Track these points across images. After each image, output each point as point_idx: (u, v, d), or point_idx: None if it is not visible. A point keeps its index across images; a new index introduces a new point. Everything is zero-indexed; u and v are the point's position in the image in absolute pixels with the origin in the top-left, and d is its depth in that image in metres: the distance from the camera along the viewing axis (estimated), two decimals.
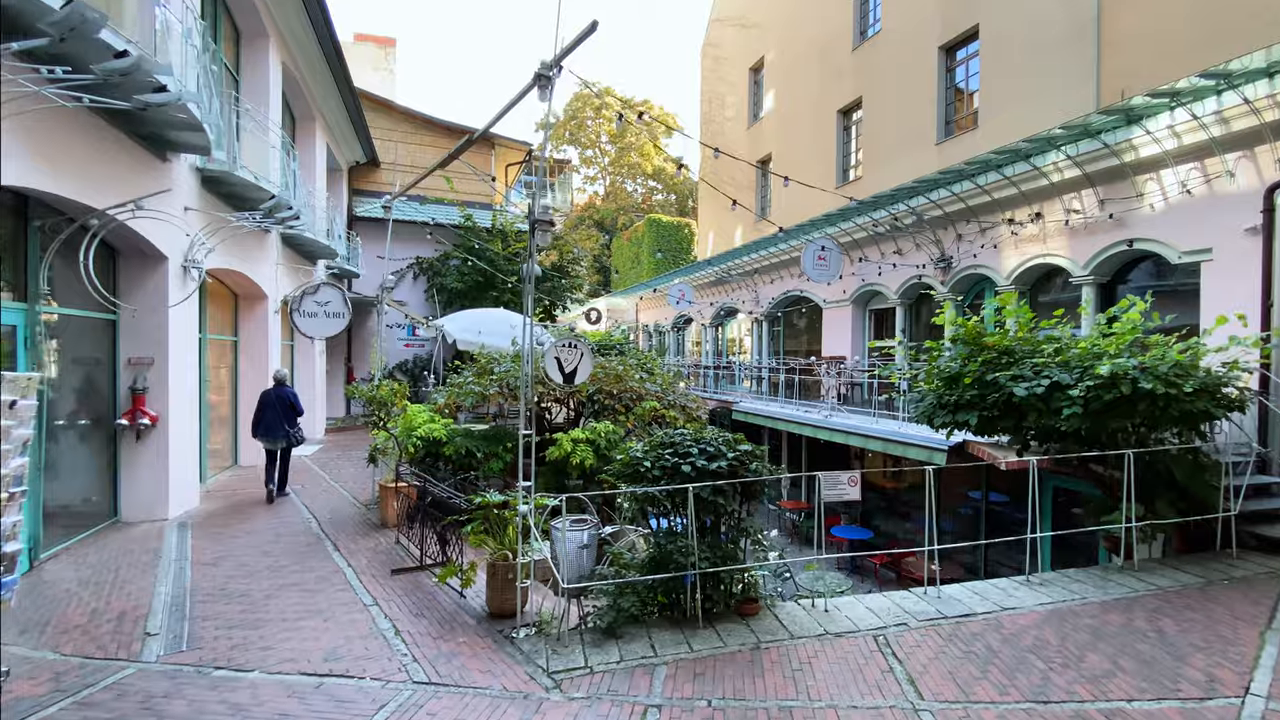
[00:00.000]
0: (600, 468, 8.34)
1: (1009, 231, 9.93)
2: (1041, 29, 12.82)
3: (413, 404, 8.77)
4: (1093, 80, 11.78)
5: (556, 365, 4.63)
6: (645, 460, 4.61)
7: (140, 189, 6.36)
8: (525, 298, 4.20)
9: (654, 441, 4.81)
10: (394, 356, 19.33)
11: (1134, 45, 11.12)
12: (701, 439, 4.74)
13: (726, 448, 4.69)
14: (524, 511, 4.39)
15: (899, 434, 9.80)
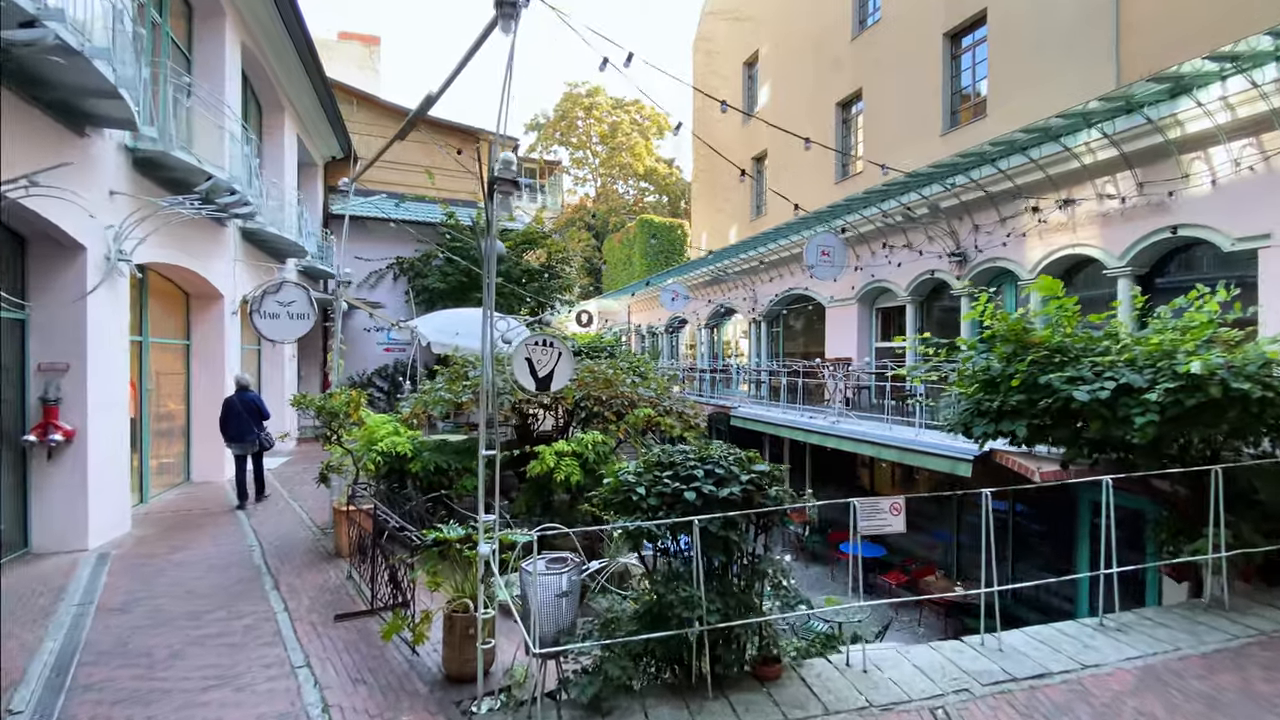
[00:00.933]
0: (588, 484, 7.43)
1: (1035, 220, 9.10)
2: (1055, 11, 12.08)
3: (379, 414, 7.83)
4: (1112, 63, 11.03)
5: (527, 368, 3.72)
6: (639, 486, 3.70)
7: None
8: (485, 283, 3.29)
9: (649, 461, 3.89)
10: (373, 361, 18.33)
11: (1154, 27, 10.41)
12: (708, 457, 3.83)
13: (739, 468, 3.78)
14: (485, 554, 3.46)
15: (916, 442, 8.93)
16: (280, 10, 11.16)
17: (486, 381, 3.37)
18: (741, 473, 3.75)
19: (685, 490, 3.59)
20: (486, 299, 3.36)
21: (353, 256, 18.43)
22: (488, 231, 3.11)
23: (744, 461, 3.87)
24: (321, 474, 6.38)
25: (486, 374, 3.38)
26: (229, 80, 10.31)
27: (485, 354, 3.37)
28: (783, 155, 21.12)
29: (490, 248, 3.15)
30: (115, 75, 5.67)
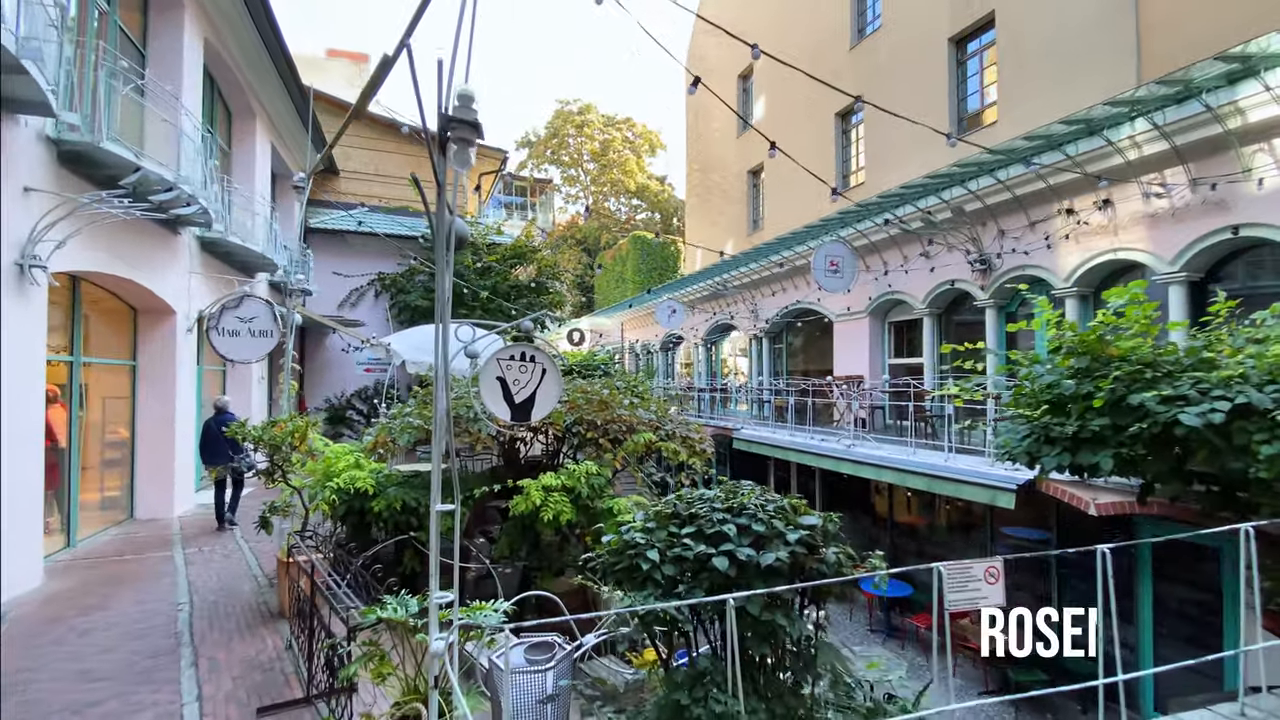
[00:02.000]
0: (582, 523, 6.45)
1: (1070, 223, 8.30)
2: (1070, 11, 11.51)
3: (343, 443, 6.84)
4: (1133, 63, 10.41)
5: (500, 390, 2.79)
6: (650, 549, 2.74)
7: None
8: (438, 275, 2.37)
9: (662, 513, 2.94)
10: (353, 383, 17.28)
11: (1176, 26, 9.83)
12: (741, 507, 2.88)
13: (783, 521, 2.83)
14: (438, 650, 2.48)
15: (947, 469, 8.01)
16: (249, 5, 10.35)
17: (439, 409, 2.43)
18: (787, 528, 2.79)
19: (714, 555, 2.63)
20: (439, 298, 2.43)
21: (330, 272, 17.51)
22: (439, 194, 2.20)
23: (787, 512, 2.93)
24: (262, 518, 5.35)
25: (439, 403, 2.43)
26: (187, 76, 9.42)
27: (439, 372, 2.43)
28: (780, 168, 20.49)
29: (440, 221, 2.23)
30: (17, 44, 4.78)
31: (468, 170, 2.14)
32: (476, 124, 2.10)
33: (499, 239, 18.94)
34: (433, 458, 2.43)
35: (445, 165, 2.14)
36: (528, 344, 2.81)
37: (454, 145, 2.14)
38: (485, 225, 19.73)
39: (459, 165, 2.15)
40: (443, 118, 2.09)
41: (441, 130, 2.12)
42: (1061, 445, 4.64)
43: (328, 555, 5.09)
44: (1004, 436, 5.26)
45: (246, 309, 9.54)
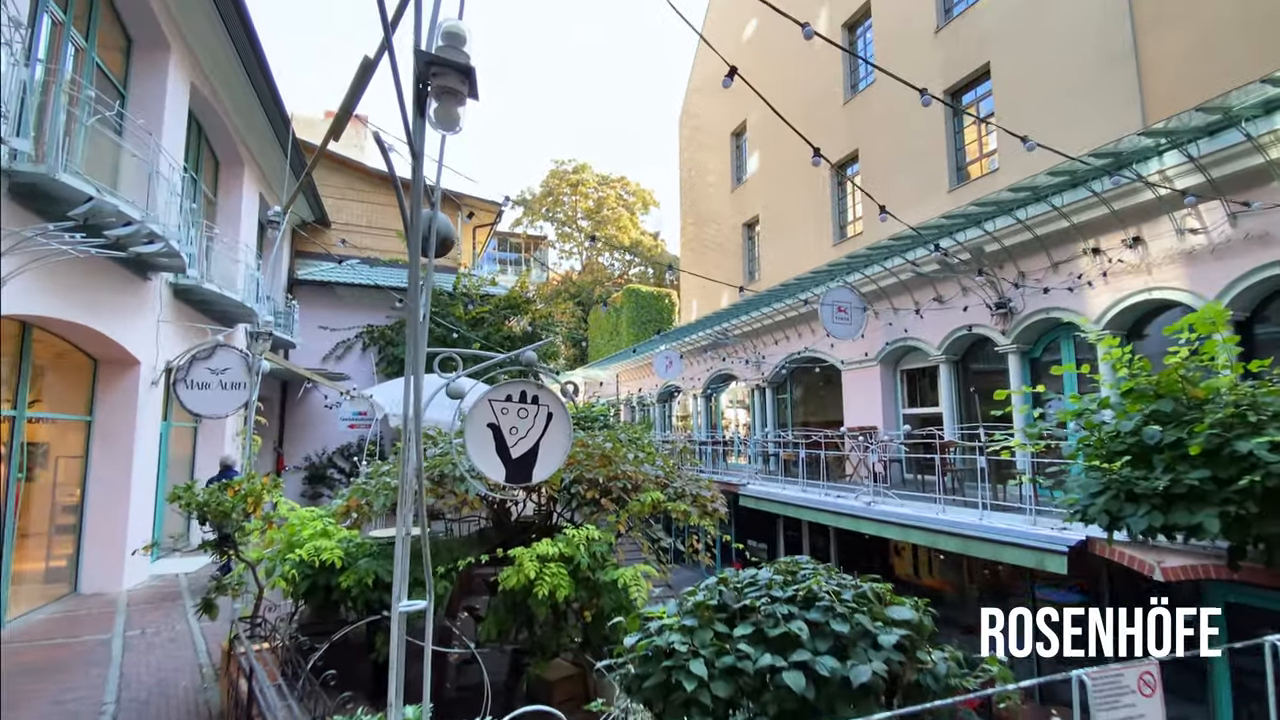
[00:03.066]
0: (582, 597, 5.62)
1: (1096, 263, 7.86)
2: (1066, 57, 11.51)
3: (309, 508, 6.03)
4: (1137, 105, 10.27)
5: (492, 442, 2.12)
6: (691, 656, 2.00)
7: None
8: (411, 285, 1.73)
9: (704, 604, 2.22)
10: (336, 440, 16.44)
11: (1178, 67, 9.75)
12: (811, 596, 2.17)
13: (867, 614, 2.12)
14: None
15: (984, 528, 7.26)
16: (238, 49, 10.10)
17: (409, 464, 1.75)
18: (875, 625, 2.07)
19: (784, 669, 1.91)
20: (411, 323, 1.78)
21: (316, 326, 16.94)
22: (415, 170, 1.59)
23: (871, 602, 2.21)
24: (205, 600, 4.51)
25: (409, 454, 1.75)
26: (169, 119, 9.04)
27: (408, 412, 1.76)
28: (776, 220, 20.48)
29: (416, 209, 1.61)
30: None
31: (453, 133, 1.53)
32: (468, 69, 1.51)
33: (492, 290, 18.53)
34: (397, 536, 1.73)
35: (423, 127, 1.53)
36: (530, 382, 2.16)
37: (435, 100, 1.54)
38: (479, 277, 19.37)
39: (443, 126, 1.54)
40: (421, 58, 1.50)
41: (419, 77, 1.52)
42: (1149, 503, 3.96)
43: (283, 644, 4.25)
44: (1074, 494, 4.56)
45: (219, 360, 8.89)
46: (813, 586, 2.23)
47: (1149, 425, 4.03)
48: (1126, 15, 10.29)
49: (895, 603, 2.26)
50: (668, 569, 6.64)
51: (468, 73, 1.52)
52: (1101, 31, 10.75)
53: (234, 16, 9.31)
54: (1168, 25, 9.93)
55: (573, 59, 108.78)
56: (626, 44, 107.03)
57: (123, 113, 7.11)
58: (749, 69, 21.79)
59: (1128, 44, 10.36)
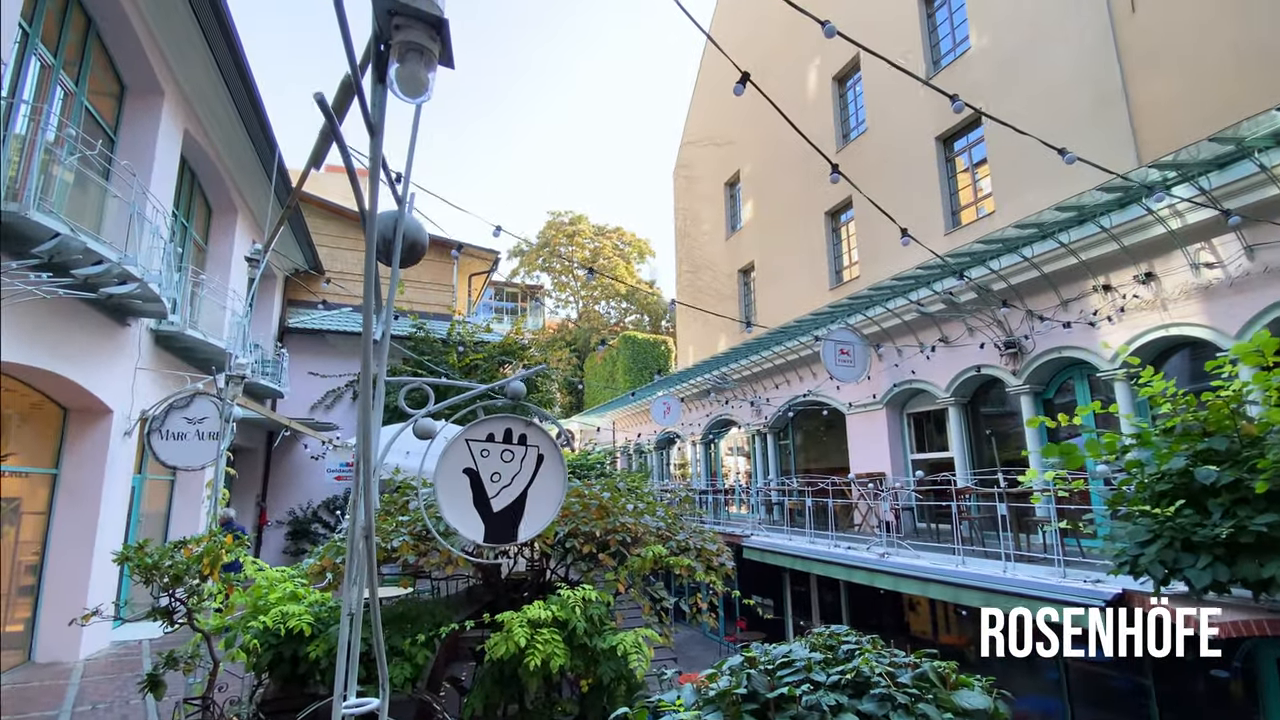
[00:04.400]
0: (578, 666, 5.08)
1: (1110, 300, 7.63)
2: (1057, 102, 11.64)
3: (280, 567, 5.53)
4: (1130, 150, 10.30)
5: (469, 493, 1.74)
6: None
7: None
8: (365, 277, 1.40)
9: (726, 691, 1.80)
10: (321, 492, 15.82)
11: (1167, 111, 9.83)
12: (861, 675, 1.76)
13: (933, 700, 1.70)
14: None
15: (1009, 582, 6.77)
16: (234, 97, 10.08)
17: (355, 530, 1.37)
18: (946, 717, 1.66)
19: None
20: (365, 341, 1.44)
21: (306, 372, 16.57)
22: (373, 146, 1.28)
23: (934, 682, 1.80)
24: (150, 677, 3.98)
25: (358, 515, 1.38)
26: (159, 165, 8.90)
27: (358, 466, 1.40)
28: (771, 266, 20.51)
29: (373, 201, 1.29)
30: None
31: (423, 101, 1.23)
32: (439, 20, 1.22)
33: (487, 337, 18.28)
34: (343, 612, 1.33)
35: (383, 96, 1.23)
36: (516, 418, 1.80)
37: (397, 60, 1.24)
38: (474, 324, 19.14)
39: (407, 92, 1.24)
40: (381, 5, 1.20)
41: (379, 32, 1.22)
42: (1210, 553, 3.55)
43: None
44: (1120, 544, 4.14)
45: (197, 408, 8.48)
46: (861, 668, 1.82)
47: (1201, 465, 3.66)
48: (1114, 60, 10.42)
49: (963, 684, 1.85)
50: (670, 631, 6.10)
51: (439, 26, 1.23)
52: (1090, 76, 10.88)
53: (230, 65, 9.29)
54: (1157, 67, 10.04)
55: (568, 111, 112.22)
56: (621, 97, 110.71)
57: (108, 154, 6.93)
58: (742, 119, 22.31)
59: (1117, 87, 10.46)
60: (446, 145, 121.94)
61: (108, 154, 7.06)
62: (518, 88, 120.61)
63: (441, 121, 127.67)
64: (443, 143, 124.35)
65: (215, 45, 8.80)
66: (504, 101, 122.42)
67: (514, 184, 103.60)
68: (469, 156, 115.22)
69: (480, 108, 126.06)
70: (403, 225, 1.44)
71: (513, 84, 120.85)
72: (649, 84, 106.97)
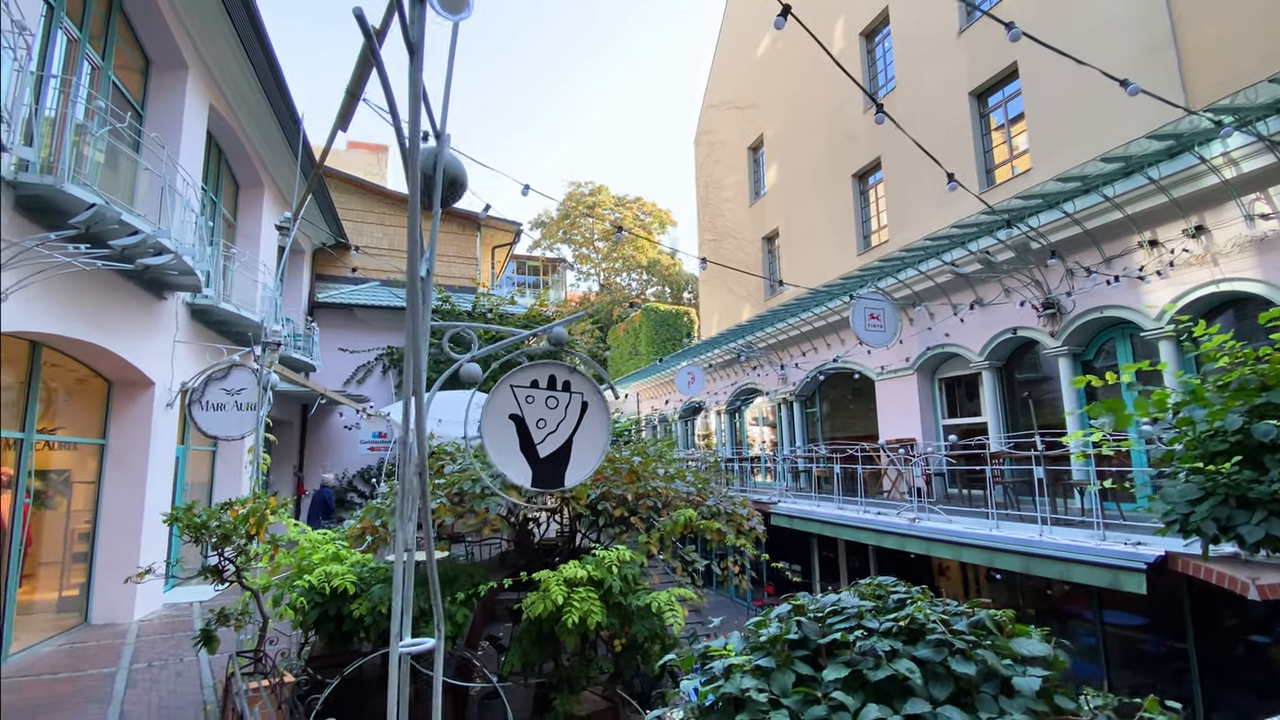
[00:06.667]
0: (614, 625, 5.16)
1: (1156, 256, 7.33)
2: (1099, 51, 11.05)
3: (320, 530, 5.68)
4: (1179, 97, 9.76)
5: (516, 438, 1.74)
6: (770, 707, 1.57)
7: None
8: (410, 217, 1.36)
9: (779, 638, 1.79)
10: (356, 462, 16.20)
11: (1218, 57, 9.27)
12: (915, 622, 1.73)
13: (991, 649, 1.67)
14: None
15: (1046, 545, 6.67)
16: (257, 71, 10.09)
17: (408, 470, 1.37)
18: (1003, 664, 1.63)
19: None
20: (411, 280, 1.41)
21: (336, 348, 16.83)
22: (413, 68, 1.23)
23: (991, 630, 1.76)
24: (204, 632, 4.15)
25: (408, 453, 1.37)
26: (187, 138, 8.96)
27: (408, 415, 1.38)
28: (796, 232, 20.11)
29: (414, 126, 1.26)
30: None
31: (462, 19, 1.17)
32: None
33: (511, 310, 18.34)
34: (396, 553, 1.33)
35: (421, 14, 1.17)
36: (560, 364, 1.78)
37: None
38: (498, 297, 19.20)
39: (447, 8, 1.18)
40: None
41: None
42: (1267, 509, 3.44)
43: (282, 680, 3.87)
44: (1168, 504, 4.03)
45: (234, 380, 8.66)
46: (915, 615, 1.79)
47: (1259, 421, 3.52)
48: (1164, 4, 9.84)
49: (1020, 633, 1.81)
50: (703, 593, 6.16)
51: None
52: (1137, 22, 10.30)
53: (253, 39, 9.28)
54: (1208, 12, 9.48)
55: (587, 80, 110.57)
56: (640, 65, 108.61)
57: (138, 127, 6.99)
58: (766, 81, 21.77)
59: (1166, 33, 9.89)
60: (471, 116, 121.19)
61: (137, 127, 7.12)
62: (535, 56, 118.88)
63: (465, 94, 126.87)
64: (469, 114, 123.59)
65: (237, 18, 8.77)
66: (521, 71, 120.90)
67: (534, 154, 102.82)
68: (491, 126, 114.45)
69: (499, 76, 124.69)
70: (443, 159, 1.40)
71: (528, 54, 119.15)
72: (669, 49, 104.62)
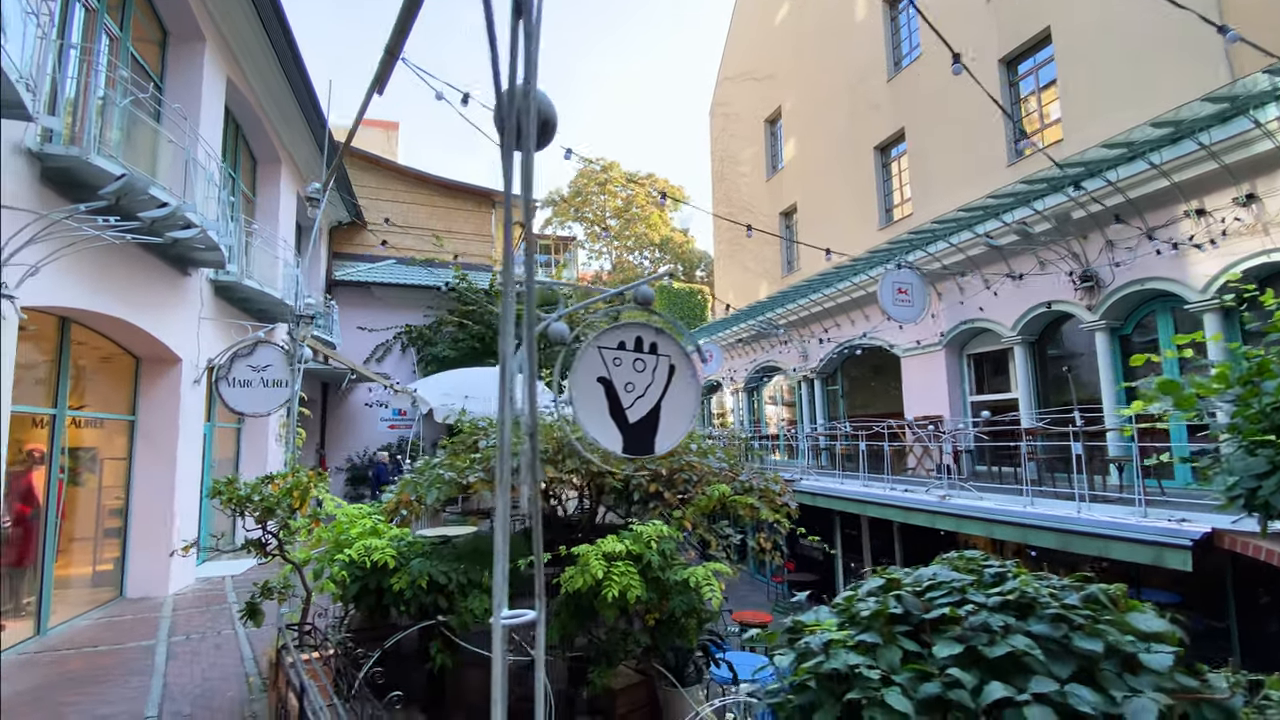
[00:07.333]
0: (652, 600, 5.12)
1: (1203, 226, 7.08)
2: (1137, 13, 10.61)
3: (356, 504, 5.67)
4: (1223, 62, 9.36)
5: (605, 402, 1.63)
6: (883, 684, 1.48)
7: None
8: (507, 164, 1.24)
9: (882, 610, 1.69)
10: (376, 440, 16.30)
11: (1264, 15, 8.85)
12: (1026, 595, 1.63)
13: (1112, 624, 1.57)
14: None
15: (1084, 522, 6.56)
16: (274, 44, 9.93)
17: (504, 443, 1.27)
18: (1127, 640, 1.53)
19: (1024, 703, 1.38)
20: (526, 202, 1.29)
21: (355, 326, 16.85)
22: None
23: (1106, 605, 1.66)
24: (249, 605, 4.15)
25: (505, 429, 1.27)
26: (206, 111, 8.85)
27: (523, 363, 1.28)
28: (815, 206, 19.75)
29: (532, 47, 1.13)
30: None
31: None
32: None
33: None
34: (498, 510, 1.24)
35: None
36: (647, 325, 1.67)
37: None
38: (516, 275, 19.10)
39: None
40: None
41: None
42: None
43: (333, 652, 3.87)
44: (1232, 477, 3.88)
45: (260, 356, 8.68)
46: (1023, 588, 1.69)
47: None
48: None
49: (1133, 608, 1.71)
50: (737, 568, 6.11)
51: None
52: None
53: (269, 10, 9.12)
54: None
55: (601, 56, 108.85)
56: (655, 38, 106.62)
57: (159, 97, 6.89)
58: (784, 51, 21.24)
59: None
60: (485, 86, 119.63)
61: (159, 96, 7.02)
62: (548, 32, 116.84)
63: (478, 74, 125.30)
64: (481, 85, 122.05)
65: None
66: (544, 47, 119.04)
67: None
68: None
69: None
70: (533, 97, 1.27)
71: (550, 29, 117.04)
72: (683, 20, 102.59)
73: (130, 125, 6.23)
